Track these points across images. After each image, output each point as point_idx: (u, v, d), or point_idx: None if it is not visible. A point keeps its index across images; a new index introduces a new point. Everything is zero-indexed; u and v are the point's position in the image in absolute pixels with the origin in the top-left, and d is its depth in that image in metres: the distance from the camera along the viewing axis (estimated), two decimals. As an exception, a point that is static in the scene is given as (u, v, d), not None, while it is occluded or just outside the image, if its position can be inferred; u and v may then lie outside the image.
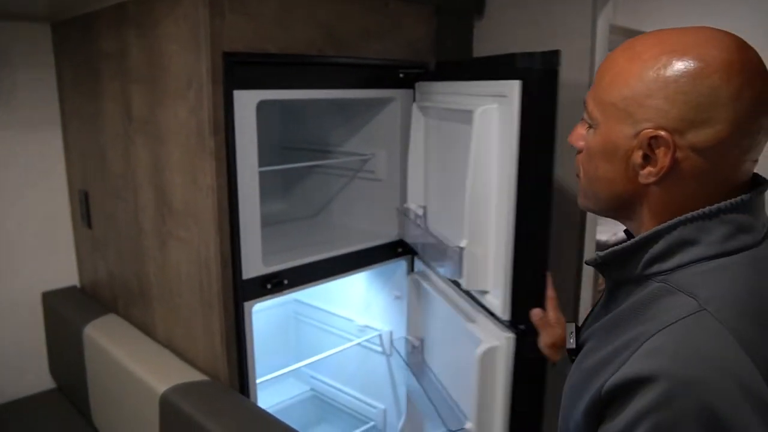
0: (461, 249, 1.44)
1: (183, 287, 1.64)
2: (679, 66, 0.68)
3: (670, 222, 0.72)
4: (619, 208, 0.79)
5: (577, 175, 0.84)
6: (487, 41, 2.06)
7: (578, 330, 0.91)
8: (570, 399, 0.79)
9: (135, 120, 1.70)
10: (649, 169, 0.72)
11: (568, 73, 1.86)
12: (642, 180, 0.73)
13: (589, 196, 0.82)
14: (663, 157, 0.70)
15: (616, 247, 0.76)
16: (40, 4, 1.83)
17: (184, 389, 1.51)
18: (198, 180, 1.48)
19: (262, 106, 1.46)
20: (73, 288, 2.25)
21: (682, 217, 0.72)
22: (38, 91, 2.08)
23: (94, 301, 2.12)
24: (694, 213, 0.71)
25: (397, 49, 1.81)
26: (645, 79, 0.70)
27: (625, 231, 0.87)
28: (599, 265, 0.79)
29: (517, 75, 1.28)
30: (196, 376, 1.57)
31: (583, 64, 1.84)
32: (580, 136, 0.81)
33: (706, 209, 0.71)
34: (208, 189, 1.45)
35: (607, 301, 0.82)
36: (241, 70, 1.40)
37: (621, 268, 0.77)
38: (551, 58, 1.27)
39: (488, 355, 1.38)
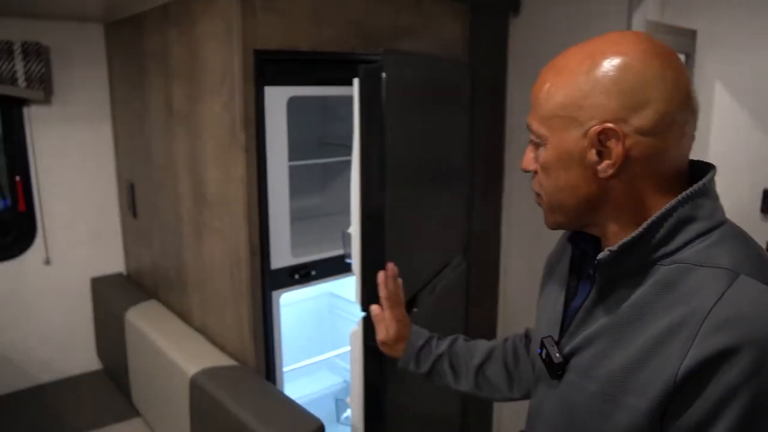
0: (348, 234, 1.41)
1: (216, 276, 1.71)
2: (605, 63, 0.73)
3: (670, 204, 0.73)
4: (587, 213, 0.79)
5: (538, 198, 0.84)
6: (523, 39, 2.05)
7: (557, 342, 0.85)
8: (586, 409, 0.78)
9: (175, 114, 1.78)
10: (605, 162, 0.74)
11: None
12: (602, 175, 0.75)
13: (555, 210, 0.82)
14: (615, 147, 0.72)
15: (625, 239, 0.75)
16: (95, 6, 1.94)
17: (213, 373, 1.57)
18: (230, 172, 1.55)
19: (298, 102, 1.51)
20: (119, 275, 2.37)
21: (680, 198, 0.73)
22: (92, 88, 2.21)
23: (137, 288, 2.23)
24: (690, 192, 0.73)
25: (430, 47, 1.83)
26: (578, 84, 0.74)
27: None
28: (609, 260, 0.76)
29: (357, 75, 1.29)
30: (225, 361, 1.64)
31: (619, 63, 1.82)
32: (530, 160, 0.83)
33: (700, 185, 0.74)
34: (238, 181, 1.51)
35: (597, 301, 0.79)
36: (272, 67, 1.45)
37: (625, 259, 0.75)
38: (378, 65, 1.28)
39: (354, 336, 1.37)
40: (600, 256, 0.76)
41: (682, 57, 2.62)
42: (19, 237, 2.14)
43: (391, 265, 1.17)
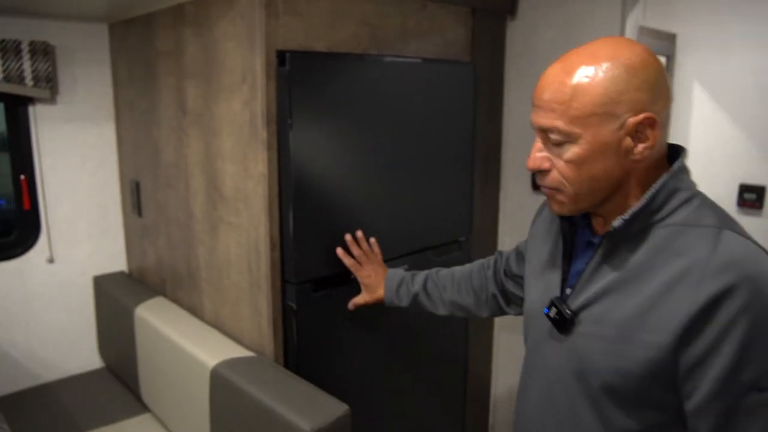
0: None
1: (232, 269, 1.75)
2: (629, 65, 0.86)
3: (663, 180, 0.90)
4: (612, 193, 0.93)
5: (555, 192, 0.94)
6: (519, 41, 2.15)
7: (558, 302, 0.99)
8: (603, 355, 0.91)
9: (189, 113, 1.82)
10: (641, 146, 0.88)
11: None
12: (637, 158, 0.89)
13: (583, 198, 0.93)
14: (653, 132, 0.87)
15: (635, 208, 0.90)
16: (101, 7, 1.96)
17: (233, 364, 1.62)
18: (249, 168, 1.59)
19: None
20: (121, 273, 2.38)
21: (669, 174, 0.90)
22: (95, 88, 2.22)
23: (142, 285, 2.25)
24: (676, 167, 0.91)
25: (435, 48, 1.91)
26: (612, 84, 0.86)
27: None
28: (622, 227, 0.91)
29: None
30: (244, 352, 1.68)
31: (612, 64, 1.92)
32: (542, 158, 0.93)
33: (681, 163, 0.92)
34: (259, 176, 1.56)
35: (601, 263, 0.94)
36: (293, 66, 1.50)
37: (631, 225, 0.91)
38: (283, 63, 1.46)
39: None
40: (615, 223, 0.91)
41: (663, 59, 2.77)
42: (24, 235, 2.14)
43: (359, 233, 1.61)
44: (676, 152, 0.95)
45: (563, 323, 0.97)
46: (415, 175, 1.84)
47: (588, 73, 0.86)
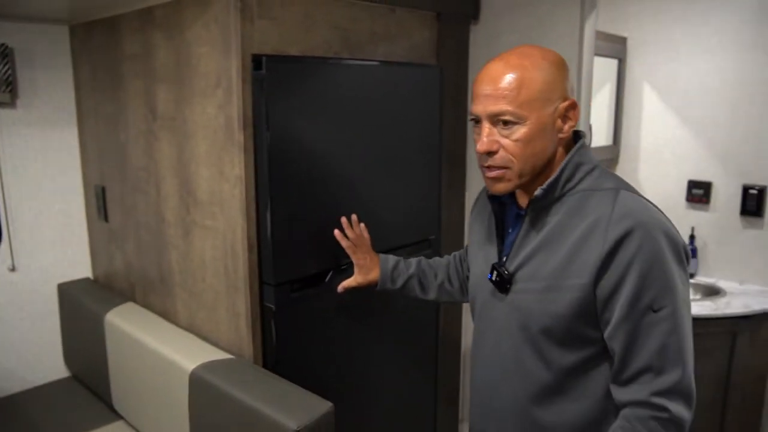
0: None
1: (207, 272, 1.75)
2: (555, 61, 1.10)
3: (569, 156, 1.12)
4: (545, 167, 1.13)
5: (502, 171, 1.11)
6: (482, 44, 2.22)
7: (497, 266, 1.19)
8: (539, 304, 1.11)
9: (160, 117, 1.81)
10: (567, 126, 1.11)
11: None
12: (564, 135, 1.12)
13: (526, 173, 1.11)
14: (574, 113, 1.11)
15: (550, 179, 1.11)
16: (62, 9, 1.93)
17: (212, 366, 1.62)
18: (225, 171, 1.60)
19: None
20: (86, 279, 2.34)
21: (574, 150, 1.12)
22: (56, 91, 2.18)
23: (110, 291, 2.22)
24: (579, 145, 1.13)
25: (403, 51, 1.96)
26: (548, 76, 1.08)
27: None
28: (541, 195, 1.11)
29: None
30: (222, 355, 1.69)
31: (571, 67, 2.01)
32: (493, 141, 1.10)
33: (582, 142, 1.14)
34: (236, 179, 1.57)
35: (528, 230, 1.15)
36: (270, 70, 1.52)
37: (548, 194, 1.11)
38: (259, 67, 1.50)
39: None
40: (536, 192, 1.11)
41: (615, 61, 2.90)
42: (-16, 244, 2.08)
43: (354, 217, 1.66)
44: (577, 136, 1.17)
45: (503, 284, 1.17)
46: (387, 176, 1.88)
47: (528, 68, 1.07)
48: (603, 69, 2.75)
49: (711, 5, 2.67)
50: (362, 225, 1.67)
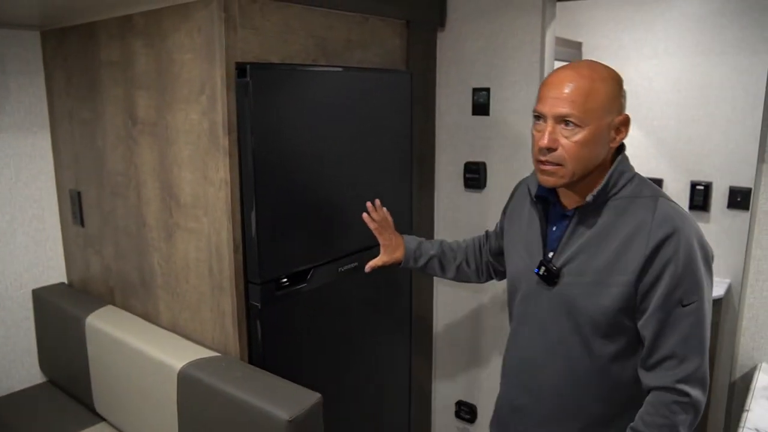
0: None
1: (191, 274, 1.80)
2: (617, 80, 1.23)
3: (615, 165, 1.25)
4: (593, 171, 1.25)
5: (556, 167, 1.23)
6: (448, 50, 2.32)
7: (546, 262, 1.32)
8: (586, 297, 1.25)
9: (140, 122, 1.84)
10: (618, 137, 1.24)
11: (520, 78, 2.16)
12: (614, 145, 1.24)
13: (578, 172, 1.23)
14: (626, 128, 1.24)
15: (600, 186, 1.24)
16: (32, 14, 1.94)
17: (200, 364, 1.67)
18: (209, 175, 1.66)
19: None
20: (61, 284, 2.34)
21: (618, 160, 1.26)
22: (28, 96, 2.18)
23: (86, 295, 2.23)
24: (621, 156, 1.27)
25: (376, 58, 2.05)
26: (611, 90, 1.21)
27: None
28: (593, 200, 1.24)
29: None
30: (208, 353, 1.74)
31: (533, 73, 2.14)
32: (554, 139, 1.21)
33: (624, 153, 1.28)
34: (221, 182, 1.63)
35: (575, 229, 1.28)
36: (253, 77, 1.58)
37: (597, 199, 1.25)
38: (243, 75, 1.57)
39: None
40: (588, 198, 1.25)
41: (571, 65, 3.05)
42: (-42, 251, 2.07)
43: (377, 202, 1.76)
44: (620, 146, 1.29)
45: (551, 278, 1.30)
46: (363, 177, 1.97)
47: (596, 80, 1.20)
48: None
49: (656, 15, 2.86)
50: (384, 209, 1.78)
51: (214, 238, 1.70)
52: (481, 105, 2.28)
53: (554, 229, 1.34)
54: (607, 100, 1.19)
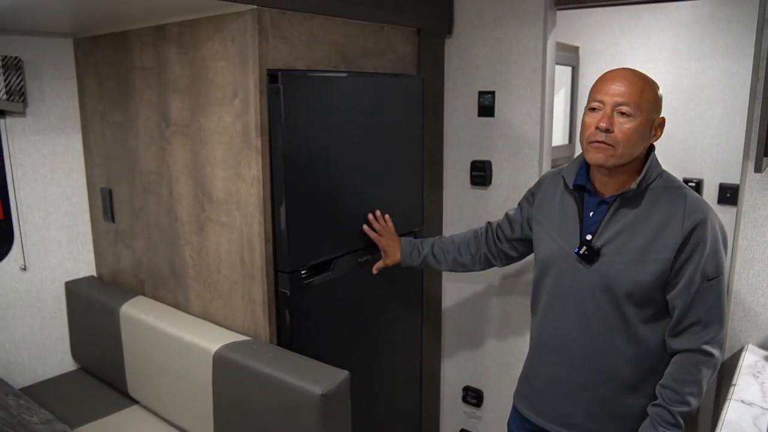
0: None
1: (222, 264, 1.94)
2: (658, 87, 1.46)
3: (650, 160, 1.47)
4: (629, 163, 1.45)
5: (609, 147, 1.41)
6: (455, 56, 2.47)
7: (587, 242, 1.51)
8: (625, 273, 1.44)
9: (173, 124, 1.99)
10: (656, 134, 1.47)
11: (522, 82, 2.31)
12: (651, 140, 1.46)
13: (624, 156, 1.42)
14: (662, 129, 1.47)
15: (640, 176, 1.44)
16: (66, 23, 2.08)
17: (234, 347, 1.82)
18: (242, 173, 1.80)
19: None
20: (91, 277, 2.48)
21: (652, 156, 1.48)
22: (61, 99, 2.31)
23: (117, 287, 2.37)
24: (653, 153, 1.49)
25: (390, 64, 2.19)
26: (654, 93, 1.44)
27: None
28: (635, 188, 1.44)
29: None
30: (239, 337, 1.88)
31: (536, 77, 2.29)
32: (611, 122, 1.40)
33: (654, 147, 1.50)
34: (253, 179, 1.77)
35: (613, 217, 1.48)
36: (285, 83, 1.72)
37: (637, 188, 1.44)
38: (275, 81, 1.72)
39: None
40: (632, 186, 1.44)
41: (569, 69, 3.22)
42: (-1, 245, 2.21)
43: (377, 212, 2.04)
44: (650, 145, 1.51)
45: (591, 256, 1.48)
46: (380, 174, 2.11)
47: (649, 81, 1.44)
48: (558, 75, 3.05)
49: (650, 21, 3.02)
50: (386, 216, 2.06)
51: (246, 230, 1.84)
52: (486, 107, 2.43)
53: (591, 214, 1.52)
54: (653, 99, 1.41)
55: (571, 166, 1.60)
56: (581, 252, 1.50)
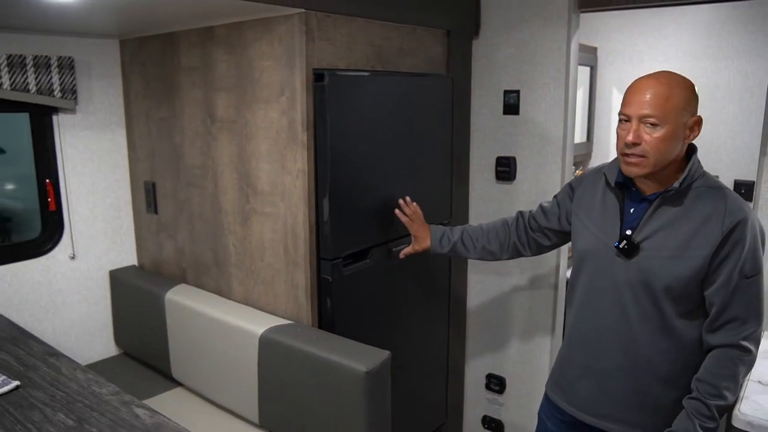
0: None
1: (266, 253, 2.06)
2: (690, 87, 1.45)
3: (692, 160, 1.48)
4: (669, 164, 1.46)
5: (640, 159, 1.44)
6: (482, 56, 2.58)
7: (627, 237, 1.53)
8: (663, 268, 1.46)
9: (219, 120, 2.10)
10: (691, 135, 1.46)
11: (547, 81, 2.41)
12: (687, 141, 1.46)
13: (658, 164, 1.44)
14: (698, 128, 1.46)
15: (682, 176, 1.45)
16: (113, 25, 2.20)
17: (278, 330, 1.93)
18: (287, 166, 1.92)
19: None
20: (133, 266, 2.60)
21: (694, 156, 1.49)
22: (108, 97, 2.44)
23: (159, 276, 2.49)
24: (695, 154, 1.50)
25: (422, 64, 2.30)
26: (686, 95, 1.43)
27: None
28: (677, 188, 1.45)
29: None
30: (282, 321, 2.00)
31: (560, 77, 2.40)
32: (638, 136, 1.43)
33: (696, 149, 1.51)
34: (298, 172, 1.89)
35: (653, 214, 1.49)
36: (330, 82, 1.83)
37: (680, 186, 1.46)
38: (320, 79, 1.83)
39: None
40: (675, 185, 1.45)
41: (587, 69, 3.31)
42: (50, 235, 2.33)
43: (408, 198, 2.07)
44: (691, 145, 1.52)
45: (631, 251, 1.51)
46: (413, 170, 2.23)
47: (674, 87, 1.42)
48: (577, 75, 3.16)
49: (668, 21, 3.11)
50: (415, 204, 2.07)
51: (290, 220, 1.95)
52: (511, 105, 2.53)
53: (632, 211, 1.54)
54: (682, 103, 1.40)
55: (613, 164, 1.60)
56: (621, 246, 1.51)
